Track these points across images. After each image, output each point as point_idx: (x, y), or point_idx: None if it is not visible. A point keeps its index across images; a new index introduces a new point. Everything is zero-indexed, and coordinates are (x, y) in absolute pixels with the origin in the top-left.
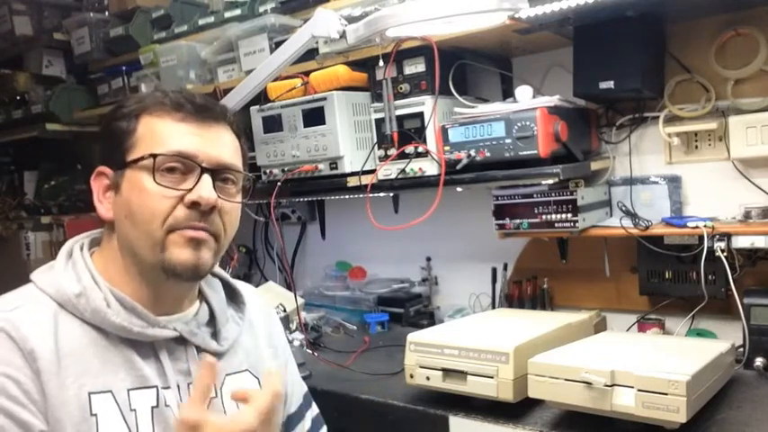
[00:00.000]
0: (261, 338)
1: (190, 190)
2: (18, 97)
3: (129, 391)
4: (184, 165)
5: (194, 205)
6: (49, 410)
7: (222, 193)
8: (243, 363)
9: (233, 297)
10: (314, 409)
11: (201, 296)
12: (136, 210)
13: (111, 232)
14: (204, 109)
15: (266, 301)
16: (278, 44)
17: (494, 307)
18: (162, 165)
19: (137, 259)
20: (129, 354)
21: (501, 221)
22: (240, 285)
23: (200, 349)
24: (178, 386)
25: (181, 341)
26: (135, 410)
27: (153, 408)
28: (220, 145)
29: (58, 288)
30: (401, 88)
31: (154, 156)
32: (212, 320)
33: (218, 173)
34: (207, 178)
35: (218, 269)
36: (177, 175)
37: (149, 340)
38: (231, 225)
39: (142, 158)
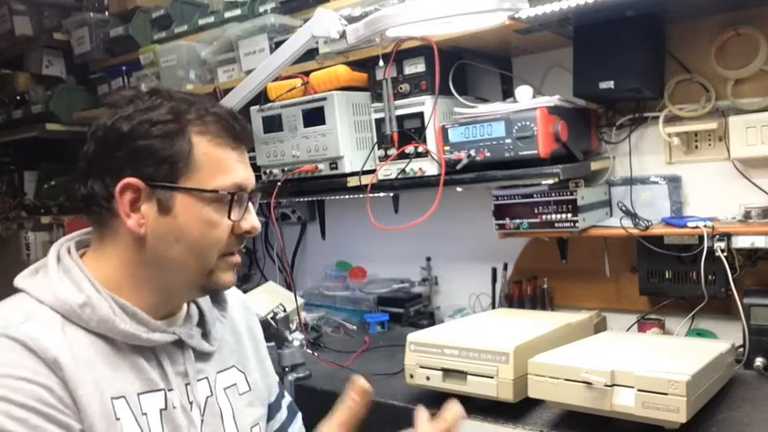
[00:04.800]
0: (242, 334)
1: (239, 220)
2: (18, 97)
3: (139, 395)
4: (239, 196)
5: (245, 233)
6: (81, 416)
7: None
8: (229, 359)
9: (214, 295)
10: (287, 397)
11: None
12: (197, 238)
13: (114, 237)
14: (246, 132)
15: (264, 300)
16: (278, 44)
17: (494, 307)
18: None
19: (173, 277)
20: (135, 359)
21: (501, 221)
22: None
23: (194, 350)
24: (178, 388)
25: (178, 344)
26: (146, 414)
27: (162, 410)
28: (250, 167)
29: (57, 298)
30: (401, 88)
31: (232, 194)
32: (201, 321)
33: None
34: (252, 206)
35: None
36: (227, 203)
37: (154, 345)
38: None
39: (215, 191)
